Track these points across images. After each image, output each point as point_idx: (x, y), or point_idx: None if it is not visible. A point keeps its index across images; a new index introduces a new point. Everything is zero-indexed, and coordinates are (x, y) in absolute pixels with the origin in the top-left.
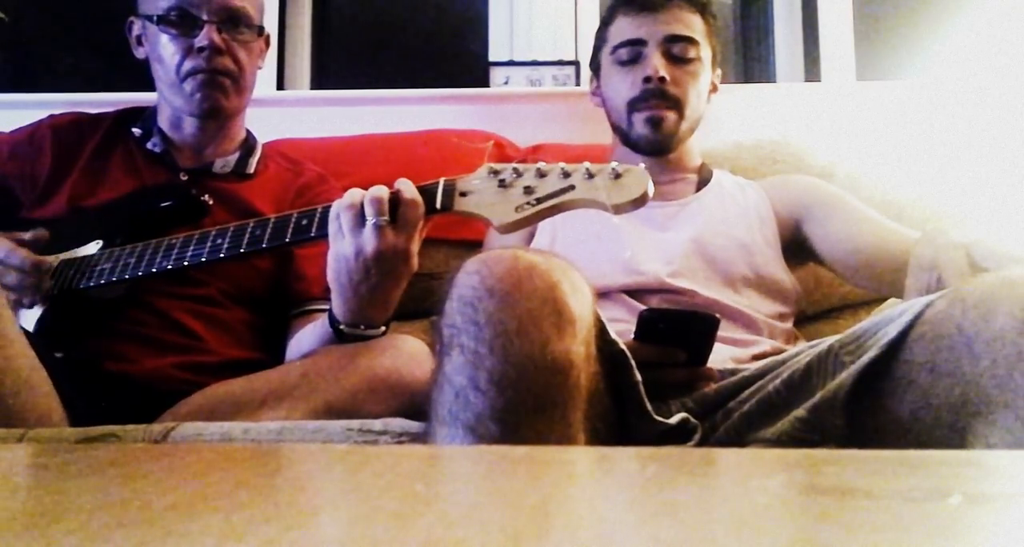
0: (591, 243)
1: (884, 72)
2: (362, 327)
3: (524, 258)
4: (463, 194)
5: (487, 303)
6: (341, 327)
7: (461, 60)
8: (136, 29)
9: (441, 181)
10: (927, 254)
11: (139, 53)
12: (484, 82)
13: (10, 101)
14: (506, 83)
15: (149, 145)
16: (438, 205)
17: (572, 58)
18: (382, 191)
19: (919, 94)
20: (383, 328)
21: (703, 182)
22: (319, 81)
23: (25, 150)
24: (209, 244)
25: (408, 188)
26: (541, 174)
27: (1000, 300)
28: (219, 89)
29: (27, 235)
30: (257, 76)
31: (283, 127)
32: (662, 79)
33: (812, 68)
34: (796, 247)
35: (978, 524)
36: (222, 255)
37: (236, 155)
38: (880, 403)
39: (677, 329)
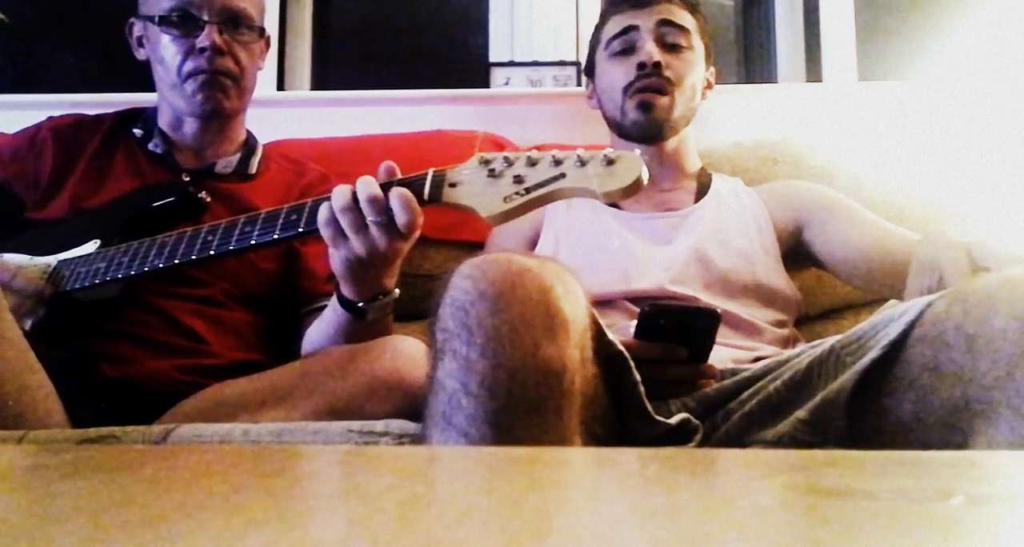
0: (593, 252)
1: (886, 73)
2: (380, 297)
3: (517, 262)
4: (452, 185)
5: (479, 307)
6: (360, 305)
7: (461, 61)
8: (137, 30)
9: (430, 172)
10: (928, 254)
11: (140, 54)
12: (484, 83)
13: (10, 101)
14: (507, 84)
15: (150, 146)
16: (426, 197)
17: (573, 59)
18: (375, 189)
19: (921, 95)
20: (396, 290)
21: (702, 189)
22: (319, 82)
23: (26, 152)
24: (200, 241)
25: (400, 200)
26: (531, 162)
27: (1001, 300)
28: (220, 90)
29: (14, 262)
30: (257, 77)
31: (283, 128)
32: (657, 64)
33: (813, 68)
34: (796, 254)
35: (979, 525)
36: (212, 252)
37: (237, 156)
38: (881, 403)
39: (678, 325)
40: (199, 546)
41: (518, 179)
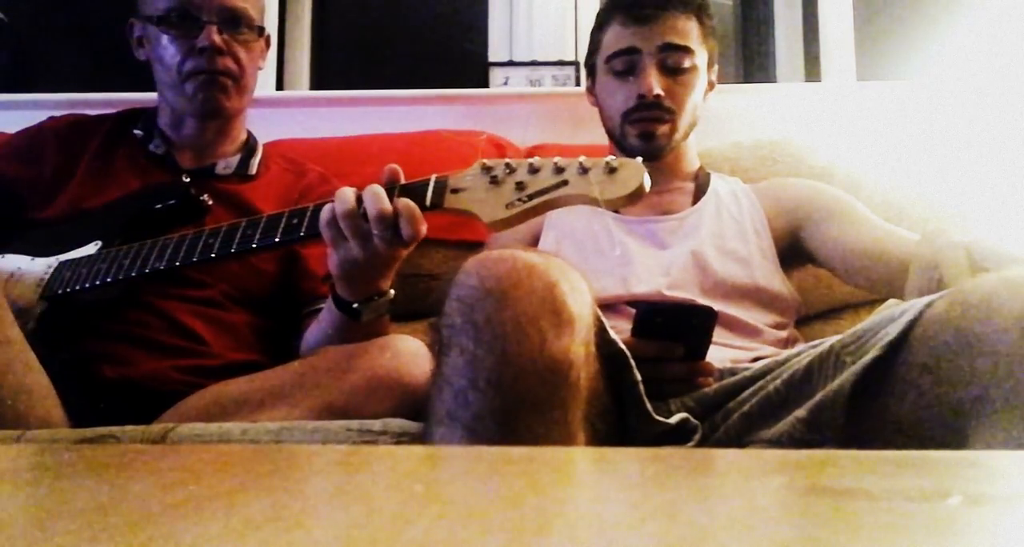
0: (592, 256)
1: (884, 72)
2: (375, 298)
3: (523, 258)
4: (455, 191)
5: (485, 303)
6: (355, 305)
7: (461, 61)
8: (137, 30)
9: (432, 178)
10: (927, 254)
11: (140, 54)
12: (484, 82)
13: (10, 101)
14: (506, 83)
15: (151, 147)
16: (428, 203)
17: (572, 58)
18: (384, 204)
19: (919, 94)
20: (392, 291)
21: (700, 190)
22: (319, 81)
23: (27, 152)
24: (201, 244)
25: (406, 212)
26: (534, 169)
27: (1000, 300)
28: (220, 90)
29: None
30: (258, 76)
31: (283, 127)
32: (657, 96)
33: (812, 68)
34: (794, 252)
35: (978, 525)
36: (213, 255)
37: (238, 156)
38: (880, 403)
39: (675, 323)
40: (199, 546)
41: (520, 186)
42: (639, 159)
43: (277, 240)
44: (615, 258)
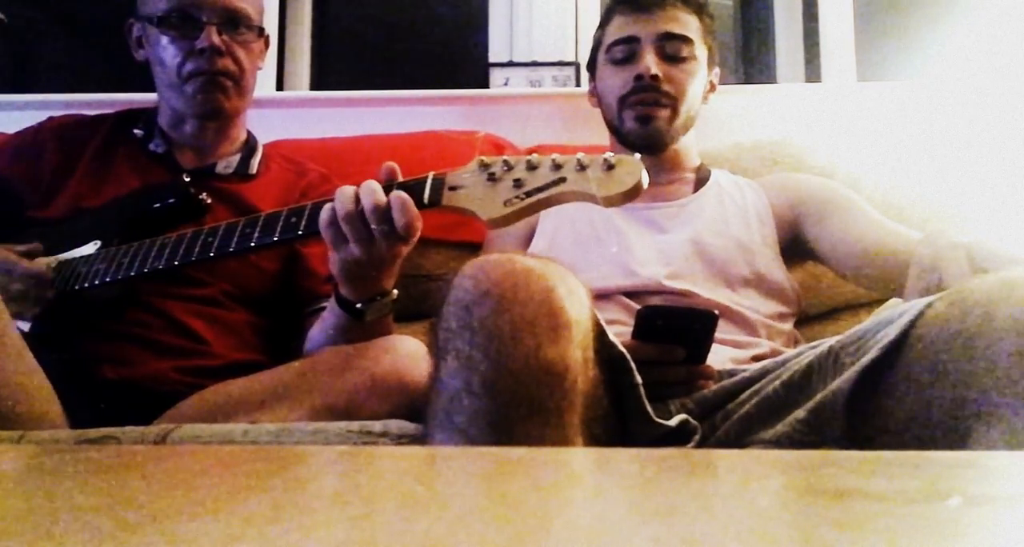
0: (590, 244)
1: (885, 73)
2: (378, 298)
3: (520, 263)
4: (452, 188)
5: (481, 308)
6: (358, 306)
7: (461, 61)
8: (136, 31)
9: (430, 175)
10: (928, 255)
11: (139, 55)
12: (484, 83)
13: (10, 101)
14: (506, 84)
15: (151, 146)
16: (426, 200)
17: (572, 59)
18: (379, 197)
19: (920, 95)
20: (395, 291)
21: (701, 182)
22: (319, 82)
23: (28, 152)
24: (200, 243)
25: (398, 202)
26: (531, 167)
27: (1000, 301)
28: (220, 90)
29: (21, 247)
30: (257, 77)
31: (283, 128)
32: (654, 77)
33: (812, 69)
34: (795, 246)
35: (978, 525)
36: (212, 254)
37: (238, 156)
38: (880, 404)
39: (676, 326)
40: (199, 546)
41: (518, 183)
42: (637, 155)
43: (276, 239)
44: (611, 244)
